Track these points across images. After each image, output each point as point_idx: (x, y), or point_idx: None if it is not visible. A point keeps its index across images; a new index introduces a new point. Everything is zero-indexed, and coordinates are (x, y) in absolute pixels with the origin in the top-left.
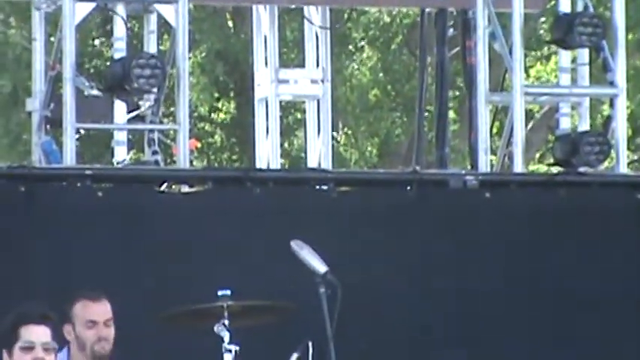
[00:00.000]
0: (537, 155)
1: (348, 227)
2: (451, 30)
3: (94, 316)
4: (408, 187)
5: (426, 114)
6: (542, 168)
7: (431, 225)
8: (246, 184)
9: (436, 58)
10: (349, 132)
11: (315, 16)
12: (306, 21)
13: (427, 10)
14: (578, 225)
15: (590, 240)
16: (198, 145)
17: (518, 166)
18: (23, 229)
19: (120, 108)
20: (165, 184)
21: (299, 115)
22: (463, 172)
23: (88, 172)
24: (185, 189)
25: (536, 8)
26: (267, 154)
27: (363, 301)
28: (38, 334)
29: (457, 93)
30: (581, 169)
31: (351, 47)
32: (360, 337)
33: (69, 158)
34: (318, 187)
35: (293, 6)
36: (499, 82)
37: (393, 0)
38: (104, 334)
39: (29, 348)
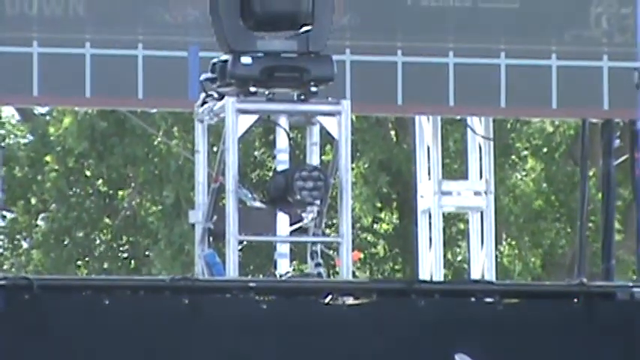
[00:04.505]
0: None
1: (514, 340)
2: (617, 141)
3: None
4: (575, 300)
5: (590, 224)
6: None
7: (598, 337)
8: (411, 295)
9: (602, 169)
10: (513, 243)
11: (478, 127)
12: (469, 131)
13: (593, 120)
14: None
15: None
16: (361, 256)
17: None
18: (188, 340)
19: (282, 220)
20: (329, 297)
21: (462, 226)
22: (630, 284)
23: (251, 284)
24: (349, 301)
25: None
26: (430, 264)
27: None
28: None
29: (619, 203)
30: None
31: (514, 157)
32: None
33: (231, 270)
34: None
35: (457, 117)
36: None
37: (558, 111)
38: None
39: None
